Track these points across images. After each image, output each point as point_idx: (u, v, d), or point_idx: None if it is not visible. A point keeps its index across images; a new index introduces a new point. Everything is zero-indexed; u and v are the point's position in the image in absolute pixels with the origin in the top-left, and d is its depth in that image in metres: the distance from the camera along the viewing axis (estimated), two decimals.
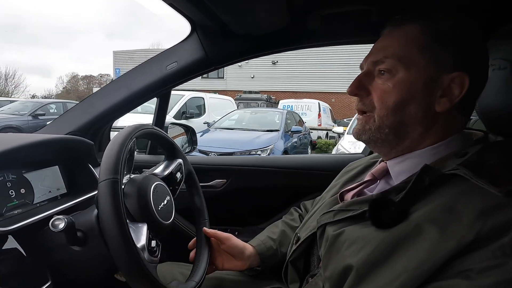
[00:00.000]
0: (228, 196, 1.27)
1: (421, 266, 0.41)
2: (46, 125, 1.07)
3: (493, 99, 0.57)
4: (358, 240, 0.50)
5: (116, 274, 0.78)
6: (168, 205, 0.67)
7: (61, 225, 0.56)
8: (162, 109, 1.22)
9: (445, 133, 0.53)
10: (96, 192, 0.52)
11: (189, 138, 1.58)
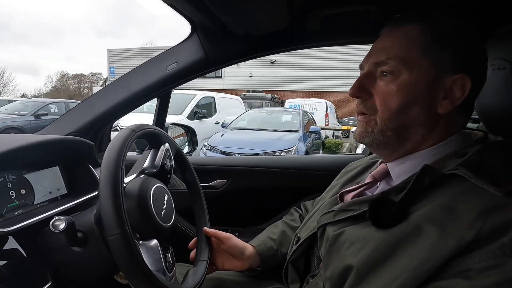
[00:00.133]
0: (229, 197, 1.27)
1: (421, 266, 0.41)
2: (47, 126, 1.07)
3: (493, 99, 0.57)
4: (358, 240, 0.50)
5: (116, 276, 0.78)
6: (168, 207, 0.67)
7: (62, 226, 0.56)
8: (163, 110, 1.22)
9: (446, 134, 0.53)
10: (97, 193, 0.52)
11: (189, 139, 1.58)
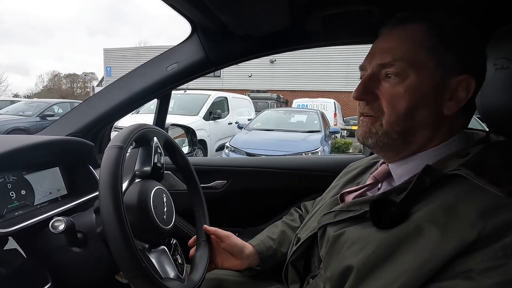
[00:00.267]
0: (229, 197, 1.27)
1: (422, 267, 0.41)
2: (47, 127, 1.07)
3: (495, 99, 0.56)
4: (359, 241, 0.50)
5: (117, 276, 0.78)
6: (169, 209, 0.67)
7: (61, 227, 0.56)
8: (163, 110, 1.22)
9: (448, 135, 0.53)
10: (97, 193, 0.52)
11: (189, 139, 1.58)
